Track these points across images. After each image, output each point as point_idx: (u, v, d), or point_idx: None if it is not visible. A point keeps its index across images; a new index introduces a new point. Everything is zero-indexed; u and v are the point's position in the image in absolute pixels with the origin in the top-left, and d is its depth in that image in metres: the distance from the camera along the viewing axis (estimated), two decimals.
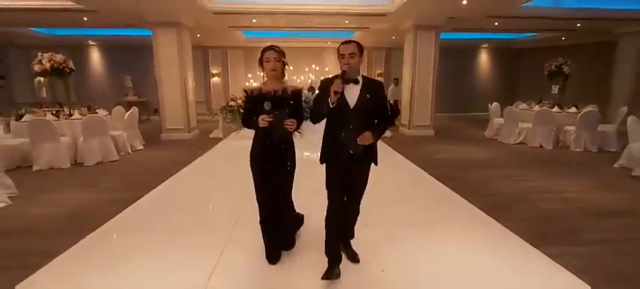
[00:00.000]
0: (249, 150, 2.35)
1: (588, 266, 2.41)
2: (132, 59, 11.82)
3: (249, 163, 2.36)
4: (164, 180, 4.46)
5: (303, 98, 2.67)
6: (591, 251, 2.64)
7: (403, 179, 4.66)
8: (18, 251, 2.70)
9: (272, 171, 2.30)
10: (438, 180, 4.42)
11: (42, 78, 11.68)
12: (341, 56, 2.13)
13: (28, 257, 2.51)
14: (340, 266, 2.15)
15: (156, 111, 11.86)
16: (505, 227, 3.00)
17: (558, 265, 2.40)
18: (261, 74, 2.39)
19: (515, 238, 2.82)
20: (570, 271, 2.31)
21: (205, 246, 2.61)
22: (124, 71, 11.77)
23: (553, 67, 7.57)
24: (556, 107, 7.36)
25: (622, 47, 9.29)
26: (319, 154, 2.26)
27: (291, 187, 2.45)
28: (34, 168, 5.14)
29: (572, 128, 6.81)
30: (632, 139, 5.24)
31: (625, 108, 7.12)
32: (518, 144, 7.22)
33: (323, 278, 2.07)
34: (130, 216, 3.38)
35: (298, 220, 2.75)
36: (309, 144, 4.40)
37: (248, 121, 2.28)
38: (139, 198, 3.79)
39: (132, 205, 3.60)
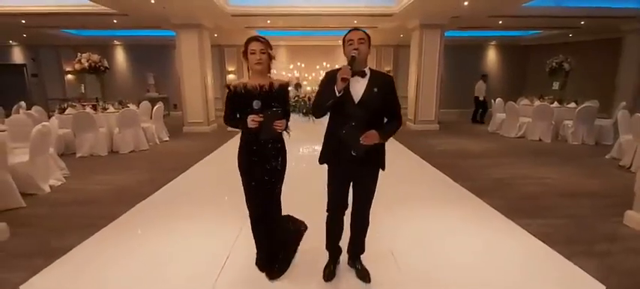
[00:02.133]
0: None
1: (551, 233, 2.88)
2: (153, 58, 12.58)
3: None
4: (192, 165, 5.10)
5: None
6: (556, 223, 3.10)
7: (402, 166, 5.16)
8: (87, 215, 3.34)
9: (263, 174, 2.13)
10: (435, 167, 4.92)
11: (71, 76, 12.65)
12: (349, 42, 1.93)
13: (96, 220, 3.14)
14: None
15: (175, 107, 12.63)
16: (488, 204, 3.49)
17: (526, 231, 2.89)
18: (246, 67, 2.15)
19: (495, 212, 3.32)
20: (535, 236, 2.80)
21: (229, 219, 3.07)
22: (146, 69, 12.52)
23: (554, 63, 7.89)
24: (556, 102, 7.68)
25: (627, 44, 9.47)
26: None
27: (281, 192, 2.28)
28: (78, 155, 5.85)
29: (570, 122, 7.14)
30: (622, 132, 5.58)
31: (624, 104, 7.39)
32: (518, 137, 7.58)
33: (324, 273, 2.22)
34: (167, 191, 4.03)
35: (297, 234, 2.54)
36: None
37: (231, 120, 2.10)
38: (173, 179, 4.43)
39: (168, 183, 4.25)
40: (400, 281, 2.23)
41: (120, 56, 12.74)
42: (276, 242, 2.31)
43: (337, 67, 1.99)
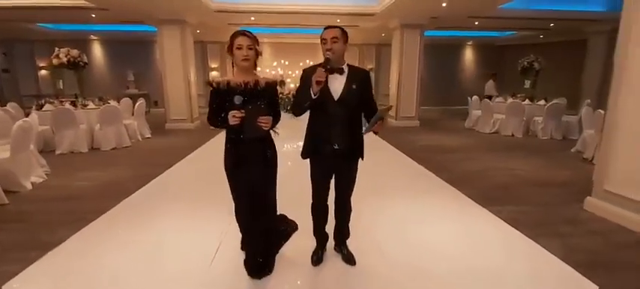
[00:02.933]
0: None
1: (519, 218, 3.14)
2: (133, 54, 12.29)
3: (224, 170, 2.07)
4: (177, 161, 5.12)
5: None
6: (524, 209, 3.38)
7: (384, 159, 5.38)
8: (74, 210, 3.33)
9: (251, 179, 2.04)
10: (415, 161, 5.17)
11: (45, 72, 12.19)
12: (323, 42, 1.96)
13: (84, 214, 3.15)
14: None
15: (156, 104, 12.40)
16: (463, 193, 3.75)
17: (497, 217, 3.14)
18: (231, 63, 2.04)
19: (469, 200, 3.57)
20: (505, 221, 3.05)
21: (218, 212, 3.10)
22: (125, 65, 12.23)
23: (525, 63, 8.34)
24: (527, 100, 8.13)
25: (591, 45, 10.11)
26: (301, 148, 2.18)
27: (275, 191, 2.20)
28: (57, 152, 5.72)
29: (540, 118, 7.59)
30: (585, 127, 6.02)
31: (588, 101, 7.92)
32: (492, 133, 7.98)
33: (312, 258, 2.35)
34: (154, 187, 4.06)
35: (285, 234, 2.44)
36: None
37: (214, 119, 1.98)
38: (158, 175, 4.45)
39: (154, 179, 4.27)
40: (383, 263, 2.40)
41: (97, 52, 12.37)
42: (267, 248, 2.23)
43: (313, 64, 2.05)
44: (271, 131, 2.04)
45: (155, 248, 2.59)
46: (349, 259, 2.37)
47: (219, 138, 6.98)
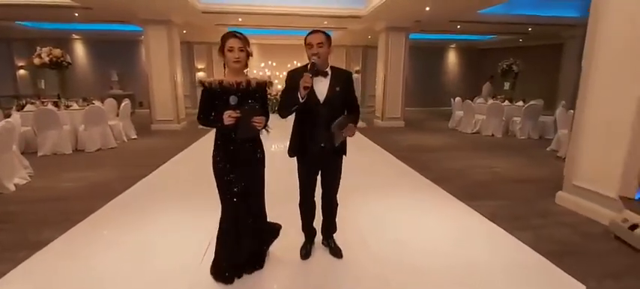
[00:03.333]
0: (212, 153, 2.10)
1: (495, 212, 3.32)
2: (117, 54, 12.09)
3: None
4: (164, 162, 5.11)
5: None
6: (501, 204, 3.57)
7: (370, 158, 5.52)
8: (61, 211, 3.31)
9: (241, 181, 2.07)
10: (400, 160, 5.33)
11: (23, 71, 11.84)
12: (309, 46, 2.05)
13: (71, 215, 3.14)
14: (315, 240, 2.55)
15: (141, 105, 12.22)
16: (444, 189, 3.92)
17: (476, 211, 3.32)
18: (222, 64, 2.09)
19: (449, 196, 3.75)
20: (483, 215, 3.23)
21: (207, 210, 3.05)
22: (108, 65, 12.01)
23: (505, 66, 8.68)
24: (507, 101, 8.46)
25: (567, 49, 10.59)
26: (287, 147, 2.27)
27: (264, 187, 2.23)
28: (40, 153, 5.61)
29: (518, 119, 7.92)
30: (560, 127, 6.33)
31: (563, 102, 8.30)
32: (474, 133, 8.26)
33: (301, 252, 2.44)
34: (142, 187, 4.07)
35: (274, 231, 2.44)
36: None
37: (206, 119, 2.02)
38: (145, 176, 4.45)
39: (142, 180, 4.27)
40: (368, 256, 2.51)
41: (79, 51, 12.11)
42: (260, 245, 2.29)
43: (299, 65, 2.16)
44: (264, 130, 2.08)
45: (145, 248, 2.62)
46: (336, 252, 2.48)
47: (206, 139, 7.01)
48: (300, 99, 2.01)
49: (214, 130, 2.11)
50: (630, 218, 2.79)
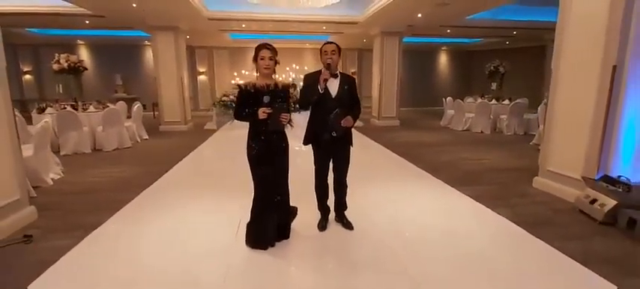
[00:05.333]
0: (245, 144, 2.53)
1: (481, 194, 3.85)
2: (121, 58, 12.45)
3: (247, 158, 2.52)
4: (180, 159, 5.55)
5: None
6: (486, 188, 4.12)
7: (369, 153, 6.06)
8: (100, 200, 3.76)
9: (272, 162, 2.51)
10: (396, 154, 5.87)
11: (29, 76, 12.13)
12: (324, 53, 2.60)
13: (110, 203, 3.58)
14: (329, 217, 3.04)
15: (145, 108, 12.56)
16: (437, 178, 4.46)
17: (465, 194, 3.85)
18: (254, 69, 2.56)
19: (442, 183, 4.29)
20: (471, 197, 3.76)
21: (233, 196, 3.67)
22: (112, 69, 12.36)
23: (492, 67, 9.30)
24: (494, 100, 9.07)
25: (550, 51, 11.20)
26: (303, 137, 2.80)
27: (288, 171, 2.66)
28: (62, 153, 6.00)
29: (505, 116, 8.52)
30: (541, 123, 6.93)
31: (545, 100, 8.93)
32: (464, 130, 8.85)
33: (318, 226, 2.93)
34: (169, 178, 4.54)
35: (294, 212, 2.89)
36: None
37: (241, 114, 2.47)
38: (168, 170, 4.90)
39: (165, 174, 4.72)
40: (374, 229, 3.01)
41: (84, 56, 12.41)
42: (288, 218, 2.78)
43: (312, 70, 2.72)
44: (288, 125, 2.53)
45: (183, 229, 3.04)
46: (348, 225, 2.98)
47: (215, 139, 7.47)
48: (320, 91, 2.56)
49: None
50: (591, 194, 3.35)
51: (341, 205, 3.02)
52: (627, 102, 3.30)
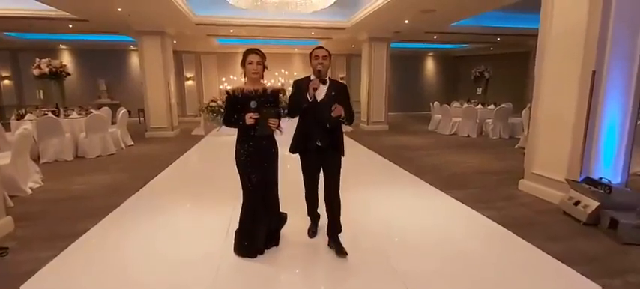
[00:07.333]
0: (234, 149, 2.48)
1: (466, 198, 3.89)
2: (105, 63, 12.19)
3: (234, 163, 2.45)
4: (167, 166, 5.44)
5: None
6: (471, 192, 4.17)
7: (360, 158, 6.08)
8: (82, 208, 3.64)
9: (260, 169, 2.45)
10: (385, 158, 5.91)
11: (8, 81, 11.75)
12: (315, 57, 2.47)
13: (94, 211, 3.47)
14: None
15: (130, 114, 12.30)
16: (425, 181, 4.50)
17: (451, 197, 3.89)
18: (242, 74, 2.51)
19: (429, 186, 4.33)
20: (457, 200, 3.80)
21: (221, 201, 3.62)
22: (96, 74, 12.08)
23: (477, 72, 9.50)
24: (480, 105, 9.26)
25: (533, 56, 11.56)
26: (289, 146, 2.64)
27: (277, 177, 2.59)
28: (42, 161, 5.80)
29: (490, 120, 8.70)
30: (525, 127, 7.10)
31: (529, 105, 9.15)
32: (451, 134, 8.98)
33: (308, 232, 2.85)
34: (155, 185, 4.45)
35: (284, 218, 2.83)
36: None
37: (230, 120, 2.42)
38: (154, 177, 4.79)
39: (152, 180, 4.62)
40: (363, 233, 3.00)
41: (66, 61, 11.95)
42: (277, 224, 2.73)
43: (301, 76, 2.60)
44: (277, 130, 2.45)
45: (171, 234, 3.01)
46: (340, 252, 2.55)
47: (203, 145, 7.37)
48: (309, 99, 2.43)
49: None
50: (575, 196, 3.43)
51: (334, 227, 2.64)
52: (607, 107, 3.41)
